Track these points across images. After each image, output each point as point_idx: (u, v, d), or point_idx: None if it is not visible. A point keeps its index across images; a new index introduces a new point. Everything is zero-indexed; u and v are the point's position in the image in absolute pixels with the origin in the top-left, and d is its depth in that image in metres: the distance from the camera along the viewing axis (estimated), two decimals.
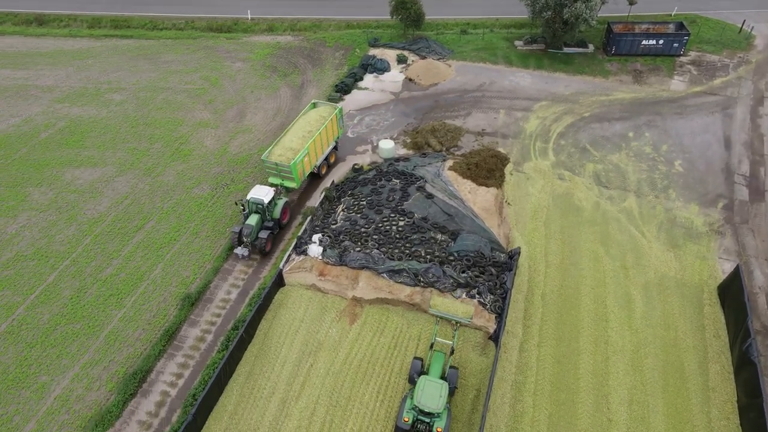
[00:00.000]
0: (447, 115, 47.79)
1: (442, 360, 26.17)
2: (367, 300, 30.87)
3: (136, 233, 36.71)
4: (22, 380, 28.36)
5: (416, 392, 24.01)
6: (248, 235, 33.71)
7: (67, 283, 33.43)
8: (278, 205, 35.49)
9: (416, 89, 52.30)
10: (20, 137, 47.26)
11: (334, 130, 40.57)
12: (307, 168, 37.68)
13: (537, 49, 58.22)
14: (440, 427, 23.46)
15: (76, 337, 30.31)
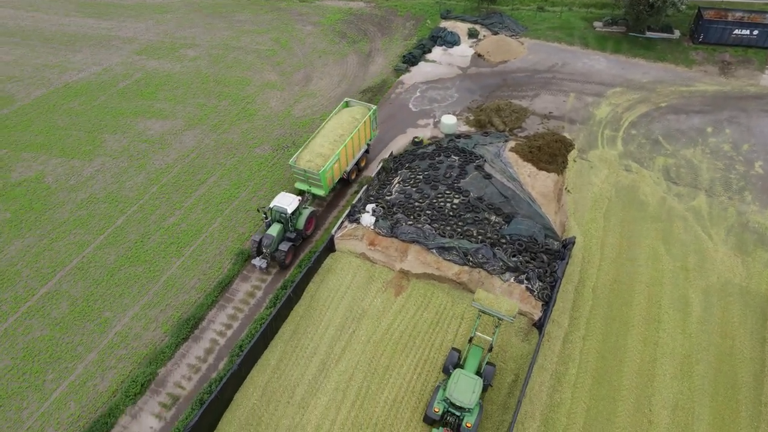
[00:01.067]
0: (514, 95, 46.55)
1: (480, 355, 25.72)
2: (414, 274, 31.06)
3: (198, 186, 38.15)
4: (88, 313, 30.45)
5: (449, 384, 23.81)
6: (268, 245, 31.42)
7: (133, 227, 35.31)
8: (303, 215, 33.01)
9: (485, 65, 51.09)
10: (100, 85, 49.67)
11: (366, 133, 37.76)
12: (336, 175, 35.29)
13: (617, 31, 55.44)
14: (470, 423, 23.17)
15: (137, 279, 32.14)
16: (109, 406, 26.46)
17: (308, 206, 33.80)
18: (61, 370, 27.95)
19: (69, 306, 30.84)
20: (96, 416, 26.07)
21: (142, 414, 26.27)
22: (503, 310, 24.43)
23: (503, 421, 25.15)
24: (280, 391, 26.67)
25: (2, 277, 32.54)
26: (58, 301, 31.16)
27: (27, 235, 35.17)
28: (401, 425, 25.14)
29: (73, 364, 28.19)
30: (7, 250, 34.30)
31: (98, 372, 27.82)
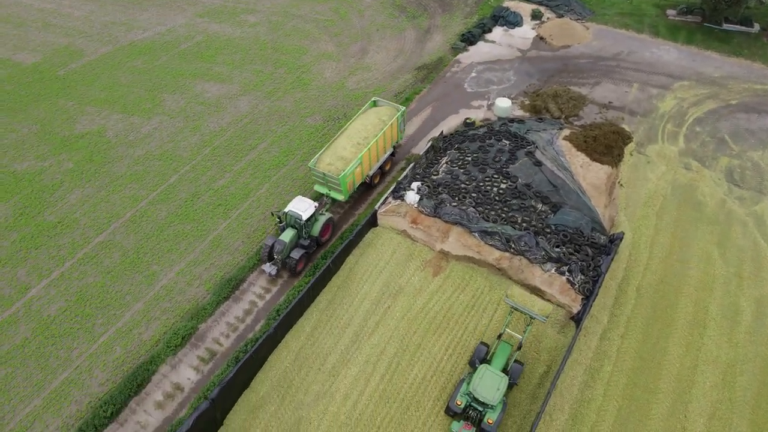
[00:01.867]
0: (573, 81, 45.04)
1: (508, 352, 25.25)
2: (454, 255, 30.92)
3: (249, 152, 38.89)
4: (137, 265, 31.82)
5: (474, 379, 23.55)
6: (280, 252, 30.04)
7: (185, 186, 36.43)
8: (319, 221, 31.52)
9: (546, 49, 49.52)
10: (163, 45, 50.94)
11: (393, 136, 35.75)
12: (358, 179, 33.47)
13: (691, 21, 52.58)
14: (491, 419, 22.91)
15: (185, 236, 33.27)
16: (151, 354, 27.76)
17: (325, 212, 32.29)
18: (110, 316, 29.44)
19: (120, 256, 32.29)
20: (139, 362, 27.42)
21: (181, 365, 27.45)
22: (536, 309, 23.75)
23: (531, 410, 25.01)
24: (312, 358, 27.29)
25: (62, 224, 34.30)
26: (110, 250, 32.66)
27: (86, 186, 36.84)
28: (428, 403, 25.36)
29: (120, 312, 29.63)
30: (68, 198, 36.06)
31: (143, 321, 29.15)
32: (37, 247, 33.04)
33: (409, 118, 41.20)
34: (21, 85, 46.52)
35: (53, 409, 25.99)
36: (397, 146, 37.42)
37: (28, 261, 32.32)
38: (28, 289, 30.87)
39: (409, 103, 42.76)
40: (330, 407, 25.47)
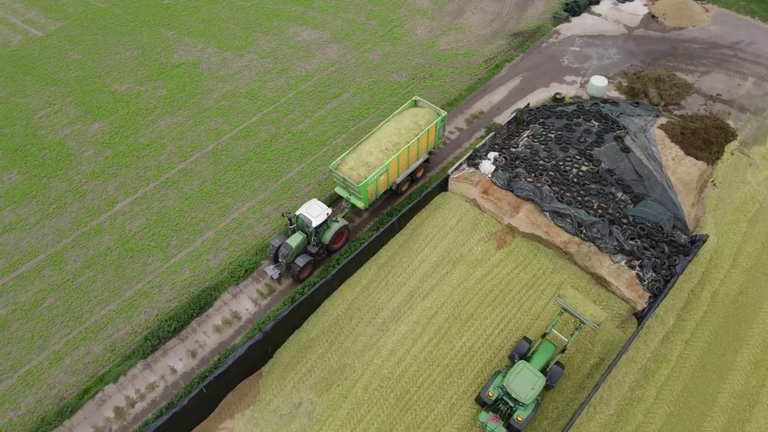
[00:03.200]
0: (680, 67, 41.77)
1: (550, 353, 24.31)
2: (520, 232, 30.19)
3: (331, 100, 39.16)
4: (213, 196, 33.31)
5: (510, 374, 22.95)
6: (285, 256, 28.37)
7: (265, 126, 37.37)
8: (331, 229, 29.36)
9: (656, 28, 46.01)
10: None
11: (429, 142, 32.57)
12: (381, 187, 30.81)
13: None
14: (521, 417, 22.38)
15: (260, 175, 34.34)
16: (215, 281, 29.29)
17: (341, 219, 30.11)
18: (183, 240, 31.18)
19: (199, 185, 33.88)
20: (204, 287, 29.04)
21: (242, 296, 28.83)
22: (588, 314, 22.66)
23: (575, 399, 24.52)
24: (364, 310, 27.86)
25: (151, 147, 36.28)
26: (190, 178, 34.31)
27: (176, 114, 38.59)
28: (471, 373, 25.41)
29: (193, 237, 31.30)
30: (159, 123, 37.97)
31: (212, 249, 30.68)
32: (127, 165, 35.22)
33: (495, 87, 39.90)
34: (129, 9, 48.79)
35: (125, 315, 28.17)
36: (433, 152, 34.65)
37: (118, 177, 34.58)
38: (114, 203, 33.15)
39: (499, 70, 41.33)
40: (375, 359, 26.07)
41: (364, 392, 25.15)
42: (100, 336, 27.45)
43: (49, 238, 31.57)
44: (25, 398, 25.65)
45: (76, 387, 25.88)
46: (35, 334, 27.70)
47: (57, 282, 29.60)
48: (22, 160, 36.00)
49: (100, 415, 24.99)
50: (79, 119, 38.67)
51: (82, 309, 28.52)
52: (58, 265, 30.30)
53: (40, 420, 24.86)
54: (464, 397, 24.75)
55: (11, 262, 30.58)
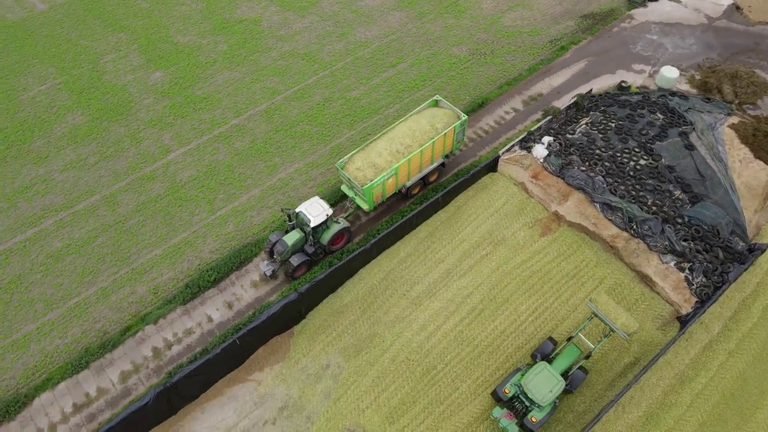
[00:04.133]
0: (761, 65, 39.11)
1: (574, 357, 23.45)
2: (567, 221, 29.37)
3: (388, 69, 38.68)
4: (262, 154, 33.72)
5: (529, 373, 22.34)
6: (280, 253, 27.37)
7: (320, 90, 37.33)
8: (330, 230, 28.03)
9: (739, 21, 43.10)
10: None
11: (445, 146, 30.50)
12: (389, 190, 29.21)
13: None
14: (535, 418, 21.86)
15: (309, 137, 34.49)
16: (257, 237, 29.86)
17: (343, 219, 28.86)
18: (230, 194, 31.82)
19: (249, 142, 34.34)
20: (245, 242, 29.65)
21: None
22: (619, 323, 21.75)
23: (605, 396, 24.02)
24: (399, 282, 27.90)
25: (208, 100, 36.89)
26: (242, 135, 34.79)
27: (234, 70, 39.01)
28: (500, 357, 25.21)
29: (239, 192, 31.89)
30: (217, 77, 38.51)
31: (257, 206, 31.19)
32: (183, 116, 36.00)
33: (558, 69, 38.44)
34: None
35: (169, 261, 29.15)
36: (450, 156, 32.46)
37: (174, 127, 35.42)
38: (168, 152, 34.05)
39: (564, 52, 39.75)
40: (405, 332, 26.18)
41: (391, 363, 25.37)
42: (144, 278, 28.55)
43: (106, 180, 32.79)
44: (72, 328, 27.08)
45: (119, 324, 27.12)
46: (86, 269, 29.05)
47: (109, 222, 30.83)
48: (86, 102, 37.29)
49: (139, 353, 26.15)
50: (142, 67, 39.63)
51: (130, 250, 29.68)
52: (111, 207, 31.52)
53: (84, 350, 26.24)
54: (491, 380, 24.63)
55: (69, 198, 31.99)
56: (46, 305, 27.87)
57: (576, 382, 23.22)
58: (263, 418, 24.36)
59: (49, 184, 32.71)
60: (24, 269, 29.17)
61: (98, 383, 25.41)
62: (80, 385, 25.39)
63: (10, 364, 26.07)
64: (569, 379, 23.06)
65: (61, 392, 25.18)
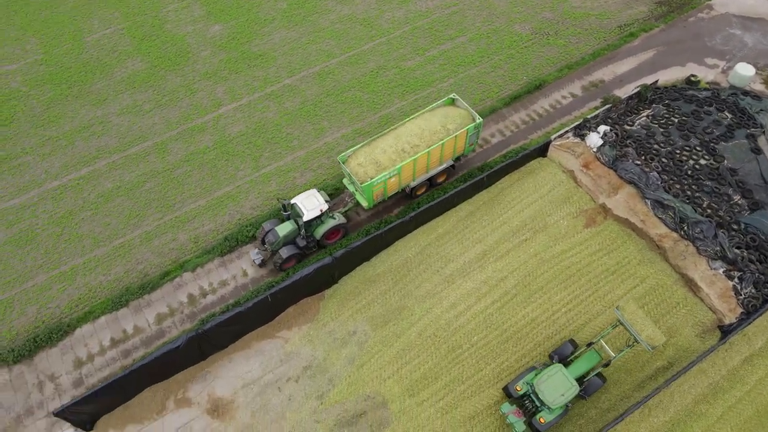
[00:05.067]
0: None
1: (593, 363, 22.60)
2: (614, 214, 28.38)
3: (446, 41, 37.76)
4: (311, 116, 33.74)
5: (543, 374, 21.70)
6: (271, 243, 27.03)
7: (375, 57, 36.86)
8: (325, 224, 27.39)
9: None
10: None
11: (456, 148, 29.05)
12: (391, 189, 28.11)
13: None
14: (544, 419, 21.34)
15: (359, 104, 34.24)
16: None
17: (337, 215, 27.80)
18: (275, 153, 32.10)
19: (300, 103, 34.38)
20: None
21: None
22: (644, 334, 20.85)
23: (632, 397, 23.48)
24: (434, 258, 27.73)
25: (262, 58, 37.01)
26: (293, 95, 34.84)
27: (292, 29, 38.89)
28: (527, 345, 24.90)
29: (285, 152, 32.12)
30: (274, 35, 38.51)
31: (301, 168, 31.37)
32: (237, 71, 36.29)
33: (623, 56, 36.67)
34: None
35: (211, 213, 29.80)
36: (461, 159, 30.60)
37: (228, 81, 35.78)
38: (220, 106, 34.50)
39: (632, 39, 37.85)
40: (434, 308, 26.12)
41: (417, 337, 25.42)
42: (186, 227, 29.32)
43: (158, 127, 33.56)
44: (116, 267, 28.19)
45: (159, 268, 28.05)
46: (132, 212, 30.04)
47: (158, 169, 31.66)
48: (146, 50, 38.01)
49: (175, 298, 27.04)
50: (202, 19, 39.96)
51: (175, 198, 30.46)
52: (161, 154, 32.31)
53: (125, 289, 27.33)
54: (515, 366, 24.41)
55: (123, 142, 32.95)
56: (94, 242, 29.04)
57: (591, 388, 22.49)
58: (287, 375, 24.93)
59: (106, 126, 33.73)
60: (76, 206, 30.39)
61: (135, 322, 26.48)
62: (119, 322, 26.54)
63: (57, 293, 27.43)
64: (584, 384, 22.36)
65: (101, 326, 26.39)
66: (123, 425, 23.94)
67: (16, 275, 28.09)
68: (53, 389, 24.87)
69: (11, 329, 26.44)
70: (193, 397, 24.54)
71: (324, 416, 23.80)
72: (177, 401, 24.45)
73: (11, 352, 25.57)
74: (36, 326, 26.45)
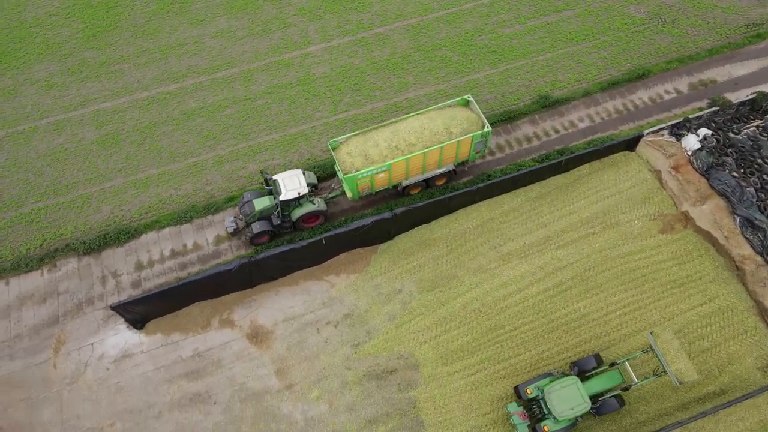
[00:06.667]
0: None
1: (612, 384, 21.44)
2: (695, 225, 26.49)
3: (551, 13, 35.59)
4: (397, 69, 33.06)
5: (556, 383, 20.73)
6: (246, 214, 26.31)
7: (473, 18, 35.33)
8: (302, 208, 26.21)
9: None
10: None
11: (459, 154, 26.84)
12: (378, 185, 26.46)
13: None
14: (548, 427, 20.55)
15: (448, 65, 33.14)
16: None
17: (318, 201, 26.54)
18: (355, 101, 31.86)
19: (389, 54, 33.74)
20: None
21: None
22: (674, 367, 19.70)
23: (673, 416, 22.45)
24: (494, 233, 27.07)
25: (359, 3, 36.30)
26: (383, 44, 34.19)
27: None
28: (573, 340, 24.15)
29: (365, 101, 31.81)
30: None
31: (378, 119, 30.91)
32: (332, 12, 35.91)
33: (744, 58, 33.25)
34: None
35: (282, 148, 30.23)
36: (465, 164, 28.47)
37: (321, 21, 35.53)
38: (310, 44, 34.43)
39: (759, 40, 34.25)
40: (484, 284, 25.68)
41: (461, 308, 25.16)
42: (258, 157, 29.92)
43: (247, 56, 34.01)
44: (186, 184, 29.31)
45: (225, 192, 28.93)
46: (210, 134, 30.93)
47: (240, 97, 32.25)
48: None
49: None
50: None
51: (251, 128, 31.04)
52: (246, 83, 32.83)
53: (191, 206, 28.45)
54: (556, 359, 23.79)
55: (212, 65, 33.69)
56: (170, 156, 30.24)
57: (605, 409, 21.38)
58: (327, 318, 25.43)
59: (199, 46, 34.53)
60: (160, 119, 31.61)
61: (195, 239, 27.62)
62: (181, 236, 27.76)
63: (130, 198, 28.96)
64: (598, 403, 21.32)
65: (164, 236, 27.72)
66: (169, 331, 25.34)
67: (98, 174, 29.82)
68: (114, 285, 26.55)
69: (86, 223, 28.27)
70: (237, 320, 25.55)
71: (356, 365, 24.22)
72: (221, 321, 25.56)
73: (83, 243, 27.40)
74: (108, 224, 28.15)
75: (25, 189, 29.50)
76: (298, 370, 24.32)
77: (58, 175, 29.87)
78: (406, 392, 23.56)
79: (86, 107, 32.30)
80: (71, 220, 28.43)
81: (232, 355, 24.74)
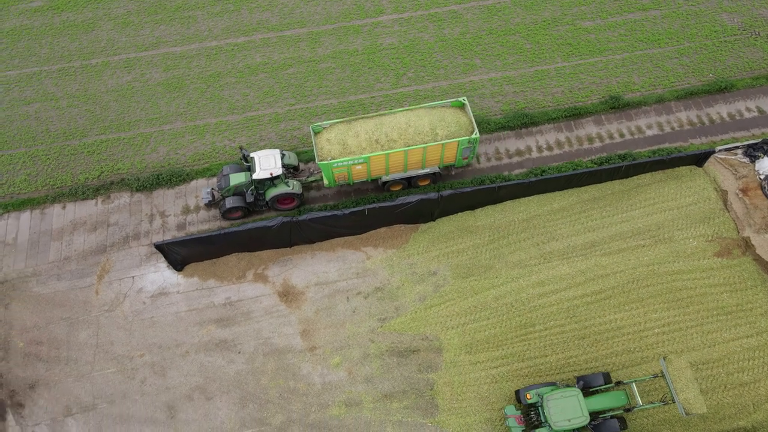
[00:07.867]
0: None
1: (615, 404, 20.71)
2: (755, 253, 25.02)
3: (637, 10, 33.75)
4: (466, 50, 32.26)
5: (557, 392, 20.25)
6: (221, 188, 26.35)
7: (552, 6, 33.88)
8: (276, 188, 25.95)
9: None
10: None
11: (443, 157, 25.83)
12: (356, 176, 25.96)
13: None
14: None
15: (519, 51, 32.11)
16: None
17: (293, 183, 26.24)
18: (418, 76, 31.39)
19: (459, 33, 32.95)
20: None
21: None
22: (682, 398, 19.09)
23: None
24: (539, 230, 26.40)
25: None
26: (455, 23, 33.39)
27: None
28: (603, 351, 23.48)
29: (427, 78, 31.33)
30: None
31: (439, 98, 30.42)
32: None
33: None
34: None
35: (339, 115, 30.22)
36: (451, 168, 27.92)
37: None
38: (381, 14, 34.00)
39: None
40: (521, 279, 25.17)
41: (494, 300, 24.79)
42: (313, 120, 30.01)
43: (317, 18, 33.91)
44: (241, 136, 29.76)
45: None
46: (270, 91, 31.18)
47: (305, 58, 32.29)
48: None
49: None
50: None
51: (311, 90, 31.10)
52: (312, 44, 32.82)
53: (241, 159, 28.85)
54: (583, 366, 23.22)
55: (282, 23, 33.79)
56: (230, 108, 30.72)
57: (604, 429, 20.64)
58: (358, 289, 25.55)
59: (273, 3, 34.63)
60: (225, 69, 32.07)
61: None
62: None
63: (186, 143, 29.68)
64: (598, 421, 20.70)
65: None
66: (206, 277, 26.07)
67: (159, 115, 30.63)
68: (160, 224, 27.44)
69: (142, 161, 29.20)
70: (271, 276, 26.01)
71: (380, 339, 24.33)
72: (256, 275, 26.07)
73: (137, 180, 28.35)
74: (162, 165, 29.00)
75: (91, 120, 30.65)
76: (323, 335, 24.64)
77: (122, 111, 30.86)
78: (426, 374, 23.54)
79: (157, 49, 33.08)
80: (129, 156, 29.42)
81: (262, 310, 25.26)
